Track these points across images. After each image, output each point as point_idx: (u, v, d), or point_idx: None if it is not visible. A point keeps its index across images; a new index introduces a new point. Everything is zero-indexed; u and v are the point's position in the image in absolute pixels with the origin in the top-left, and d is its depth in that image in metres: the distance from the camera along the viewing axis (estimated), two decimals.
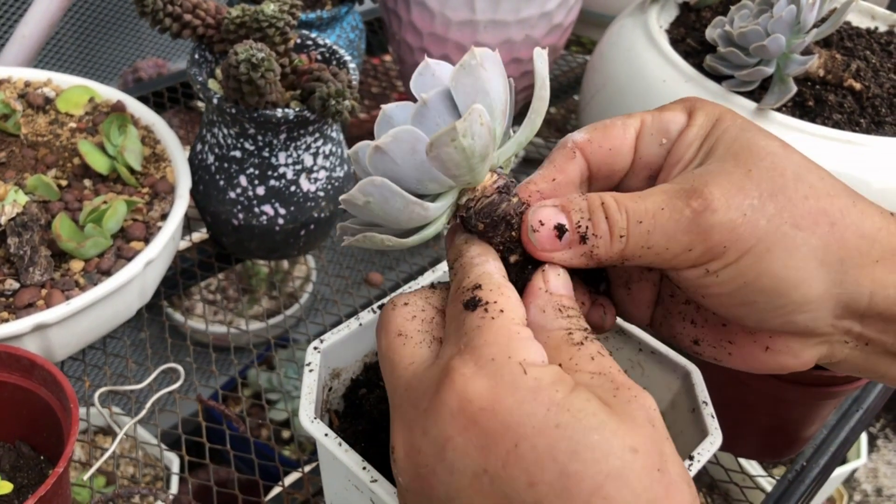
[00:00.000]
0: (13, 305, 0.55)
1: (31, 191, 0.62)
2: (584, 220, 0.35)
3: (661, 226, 0.34)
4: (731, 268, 0.34)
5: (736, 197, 0.33)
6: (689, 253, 0.34)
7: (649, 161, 0.38)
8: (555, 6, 0.79)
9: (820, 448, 0.62)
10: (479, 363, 0.31)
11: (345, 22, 0.80)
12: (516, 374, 0.30)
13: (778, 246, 0.33)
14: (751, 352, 0.38)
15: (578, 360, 0.32)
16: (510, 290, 0.34)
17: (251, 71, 0.57)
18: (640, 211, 0.34)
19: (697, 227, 0.33)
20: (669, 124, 0.38)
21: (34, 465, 0.52)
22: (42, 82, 0.73)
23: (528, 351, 0.31)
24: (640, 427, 0.30)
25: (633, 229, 0.34)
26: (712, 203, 0.33)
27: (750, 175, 0.34)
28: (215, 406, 0.61)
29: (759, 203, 0.33)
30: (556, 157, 0.38)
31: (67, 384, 0.49)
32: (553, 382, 0.30)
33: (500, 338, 0.32)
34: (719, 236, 0.33)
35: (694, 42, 0.72)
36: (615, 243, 0.35)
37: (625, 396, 0.31)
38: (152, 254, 0.59)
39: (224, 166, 0.66)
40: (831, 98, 0.65)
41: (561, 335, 0.33)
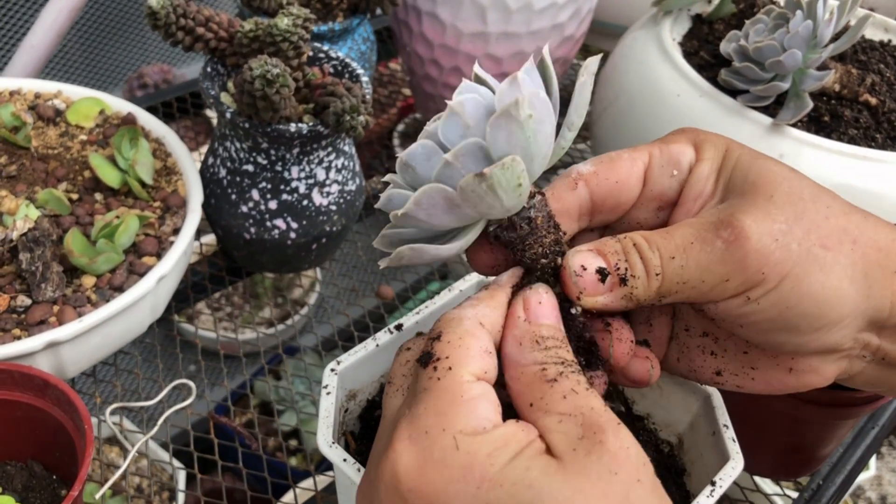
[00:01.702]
0: (25, 322, 0.55)
1: (42, 205, 0.62)
2: (622, 262, 0.35)
3: (694, 259, 0.34)
4: (773, 294, 0.33)
5: (765, 223, 0.33)
6: (727, 284, 0.34)
7: (661, 192, 0.38)
8: (566, 18, 0.79)
9: (836, 467, 0.61)
10: (413, 436, 0.30)
11: (356, 34, 0.80)
12: (447, 449, 0.29)
13: (813, 268, 0.33)
14: (774, 375, 0.38)
15: (549, 399, 0.31)
16: (473, 340, 0.33)
17: (266, 87, 0.56)
18: (671, 247, 0.34)
19: (732, 257, 0.33)
20: (679, 156, 0.38)
21: (46, 485, 0.52)
22: (52, 94, 0.73)
23: (468, 417, 0.30)
24: (595, 482, 0.29)
25: (666, 266, 0.34)
26: (743, 231, 0.33)
27: (773, 201, 0.34)
28: (228, 423, 0.60)
29: (788, 227, 0.34)
30: (557, 186, 0.38)
31: (81, 404, 0.48)
32: (490, 454, 0.29)
33: (440, 404, 0.31)
34: (756, 264, 0.33)
35: (707, 55, 0.72)
36: (652, 282, 0.34)
37: (588, 444, 0.30)
38: (165, 269, 0.59)
39: (236, 180, 0.66)
40: (847, 113, 0.65)
41: (534, 371, 0.32)
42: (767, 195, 0.34)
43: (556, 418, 0.31)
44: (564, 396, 0.31)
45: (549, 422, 0.31)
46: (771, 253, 0.33)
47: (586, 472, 0.29)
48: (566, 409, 0.31)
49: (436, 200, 0.32)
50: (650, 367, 0.39)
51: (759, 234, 0.33)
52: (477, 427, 0.30)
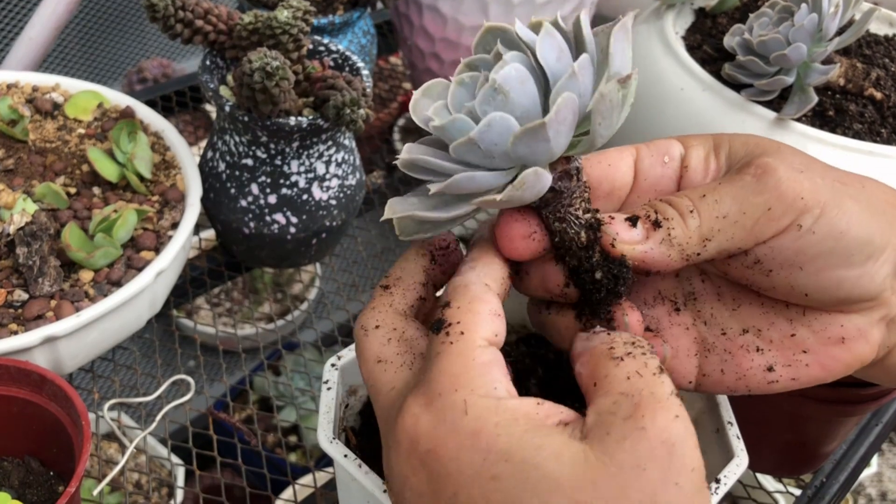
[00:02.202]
0: (22, 317, 0.54)
1: (40, 199, 0.61)
2: (650, 210, 0.35)
3: (728, 192, 0.34)
4: (823, 220, 0.33)
5: (785, 161, 0.34)
6: (770, 213, 0.33)
7: (655, 181, 0.38)
8: (569, 12, 0.78)
9: (839, 464, 0.61)
10: (428, 399, 0.30)
11: (357, 27, 0.79)
12: (458, 412, 0.29)
13: (845, 201, 0.34)
14: (827, 353, 0.36)
15: (612, 378, 0.30)
16: (482, 304, 0.32)
17: (265, 79, 0.56)
18: (700, 189, 0.35)
19: (766, 185, 0.33)
20: (667, 148, 0.38)
21: (44, 481, 0.52)
22: (50, 87, 0.72)
23: (480, 379, 0.29)
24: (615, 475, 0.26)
25: (699, 204, 0.34)
26: (769, 164, 0.34)
27: (781, 151, 0.35)
28: (227, 419, 0.60)
29: (806, 169, 0.34)
30: None
31: (78, 400, 0.48)
32: (497, 423, 0.28)
33: (453, 367, 0.30)
34: (792, 190, 0.33)
35: (710, 49, 0.71)
36: (688, 220, 0.34)
37: (626, 428, 0.27)
38: (163, 264, 0.58)
39: (235, 174, 0.65)
40: (852, 108, 0.64)
41: (601, 350, 0.31)
42: (774, 147, 0.35)
43: (612, 399, 0.29)
44: (628, 377, 0.29)
45: (604, 403, 0.29)
46: (801, 182, 0.33)
47: (608, 462, 0.27)
48: (626, 389, 0.29)
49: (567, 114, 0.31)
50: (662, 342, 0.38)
51: (786, 167, 0.34)
52: (489, 389, 0.29)
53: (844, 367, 0.36)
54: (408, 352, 0.34)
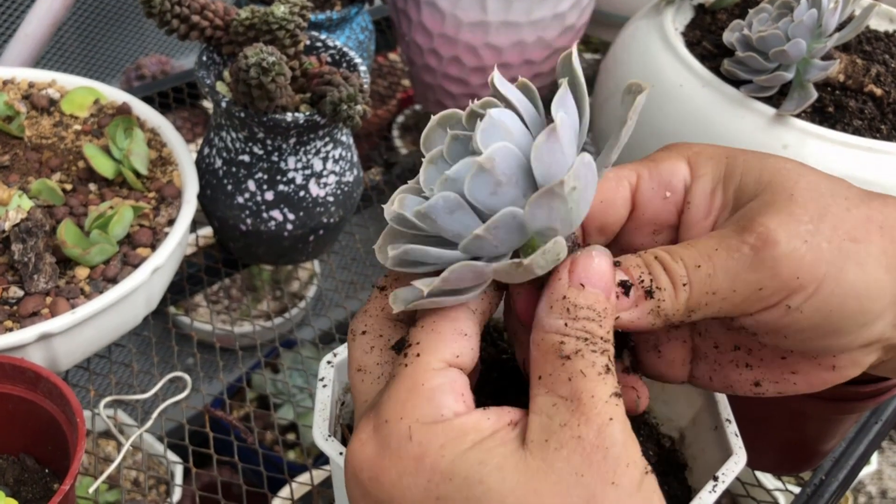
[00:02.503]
0: (17, 314, 0.54)
1: (36, 195, 0.61)
2: (645, 275, 0.33)
3: (722, 266, 0.32)
4: (814, 299, 0.32)
5: (790, 225, 0.32)
6: (761, 292, 0.32)
7: (654, 216, 0.36)
8: (568, 7, 0.78)
9: (838, 462, 0.61)
10: (376, 425, 0.30)
11: (354, 23, 0.79)
12: (402, 439, 0.29)
13: (848, 264, 0.32)
14: (817, 375, 0.36)
15: (556, 378, 0.29)
16: (447, 323, 0.31)
17: (261, 75, 0.55)
18: (695, 256, 0.32)
19: (763, 264, 0.31)
20: (671, 177, 0.36)
21: (39, 478, 0.51)
22: (46, 83, 0.72)
23: (426, 406, 0.29)
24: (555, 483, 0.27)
25: (693, 276, 0.32)
26: (770, 235, 0.31)
27: (794, 199, 0.32)
28: (224, 417, 0.60)
29: (815, 227, 0.32)
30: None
31: (73, 397, 0.48)
32: (443, 445, 0.28)
33: (401, 392, 0.30)
34: (789, 270, 0.31)
35: (710, 45, 0.71)
36: (679, 294, 0.32)
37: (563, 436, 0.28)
38: (159, 261, 0.58)
39: (232, 171, 0.65)
40: (851, 104, 0.64)
41: (552, 341, 0.30)
42: (787, 194, 0.33)
43: (552, 401, 0.29)
44: (570, 378, 0.29)
45: (545, 403, 0.29)
46: (803, 256, 0.31)
47: (547, 470, 0.27)
48: (567, 392, 0.29)
49: (465, 275, 0.30)
50: (636, 397, 0.37)
51: (788, 238, 0.31)
52: (435, 416, 0.29)
53: (832, 384, 0.36)
54: (388, 363, 0.33)
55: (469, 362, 0.31)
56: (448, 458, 0.28)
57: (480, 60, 0.80)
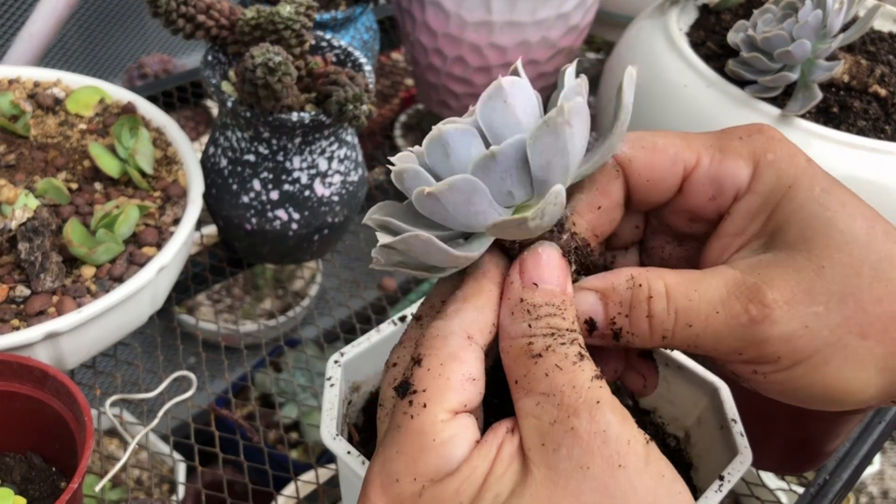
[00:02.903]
0: (24, 313, 0.54)
1: (42, 194, 0.61)
2: (621, 318, 0.32)
3: (713, 330, 0.31)
4: (782, 374, 0.31)
5: (801, 304, 0.30)
6: (738, 356, 0.31)
7: (695, 208, 0.34)
8: (572, 7, 0.78)
9: (842, 462, 0.61)
10: (385, 483, 0.29)
11: (359, 23, 0.79)
12: (411, 497, 0.28)
13: (837, 357, 0.30)
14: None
15: (531, 377, 0.29)
16: (456, 366, 0.29)
17: (268, 75, 0.55)
18: (692, 313, 0.31)
19: (752, 336, 0.30)
20: (726, 179, 0.33)
21: (46, 476, 0.51)
22: (51, 82, 0.72)
23: (438, 463, 0.28)
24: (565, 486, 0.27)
25: (679, 331, 0.31)
26: (773, 314, 0.30)
27: (822, 273, 0.30)
28: (229, 415, 0.60)
29: (826, 311, 0.30)
30: (599, 177, 0.34)
31: (81, 396, 0.48)
32: (457, 490, 0.28)
33: (411, 448, 0.29)
34: (774, 348, 0.30)
35: (714, 45, 0.71)
36: (655, 339, 0.31)
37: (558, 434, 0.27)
38: (165, 260, 0.58)
39: (237, 170, 0.65)
40: (856, 104, 0.64)
41: (520, 345, 0.30)
42: (818, 264, 0.30)
43: (535, 400, 0.28)
44: (546, 374, 0.29)
45: (528, 404, 0.29)
46: (795, 340, 0.30)
47: (554, 476, 0.27)
48: (546, 388, 0.28)
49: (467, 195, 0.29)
50: (643, 384, 0.37)
51: (789, 318, 0.30)
52: (447, 470, 0.28)
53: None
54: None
55: (477, 404, 0.30)
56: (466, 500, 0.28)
57: (484, 60, 0.80)
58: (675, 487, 0.28)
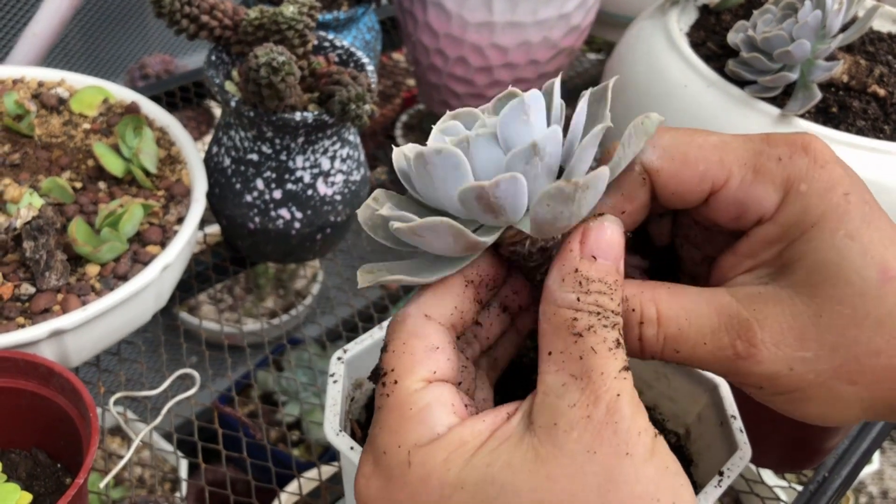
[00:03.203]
0: (29, 311, 0.55)
1: (46, 193, 0.61)
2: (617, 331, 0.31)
3: (699, 358, 0.31)
4: (762, 396, 0.31)
5: (789, 348, 0.30)
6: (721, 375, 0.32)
7: (716, 220, 0.33)
8: (573, 7, 0.79)
9: (841, 459, 0.61)
10: (375, 458, 0.30)
11: (361, 23, 0.79)
12: (403, 466, 0.29)
13: (819, 398, 0.30)
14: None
15: (567, 356, 0.29)
16: (416, 342, 0.30)
17: (271, 75, 0.56)
18: (682, 341, 0.31)
19: (736, 369, 0.31)
20: (752, 204, 0.31)
21: (51, 473, 0.52)
22: (55, 82, 0.72)
23: (420, 429, 0.29)
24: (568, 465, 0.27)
25: (668, 355, 0.32)
26: (758, 354, 0.30)
27: (818, 322, 0.30)
28: (232, 413, 0.60)
29: (814, 357, 0.30)
30: (625, 184, 0.33)
31: (86, 392, 0.48)
32: (445, 459, 0.28)
33: (391, 421, 0.29)
34: (756, 381, 0.31)
35: (714, 46, 0.71)
36: (644, 357, 0.32)
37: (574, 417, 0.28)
38: (169, 258, 0.59)
39: (241, 169, 0.65)
40: (855, 104, 0.65)
41: (563, 317, 0.29)
42: (816, 311, 0.30)
43: (562, 380, 0.28)
44: (581, 356, 0.28)
45: (554, 382, 0.29)
46: (778, 379, 0.30)
47: (558, 454, 0.27)
48: (577, 371, 0.28)
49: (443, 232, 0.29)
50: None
51: (773, 360, 0.30)
52: (431, 435, 0.29)
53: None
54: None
55: (451, 373, 0.31)
56: (454, 470, 0.28)
57: (486, 61, 0.80)
58: (677, 480, 0.28)
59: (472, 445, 0.28)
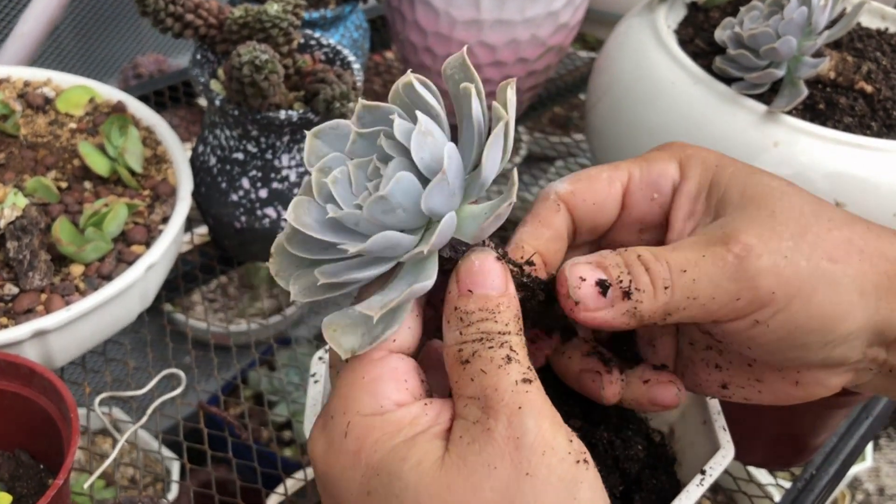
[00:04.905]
0: (12, 311, 0.54)
1: (31, 193, 0.61)
2: (624, 275, 0.33)
3: (706, 273, 0.32)
4: (782, 314, 0.32)
5: (772, 241, 0.32)
6: (737, 302, 0.32)
7: (640, 216, 0.37)
8: (561, 5, 0.78)
9: (829, 456, 0.61)
10: (324, 422, 0.31)
11: (349, 21, 0.79)
12: (341, 435, 0.29)
13: (822, 283, 0.32)
14: (781, 387, 0.37)
15: (462, 382, 0.30)
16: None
17: (254, 73, 0.56)
18: (682, 260, 0.33)
19: (744, 274, 0.32)
20: (660, 178, 0.37)
21: (33, 474, 0.52)
22: (42, 82, 0.72)
23: (366, 399, 0.29)
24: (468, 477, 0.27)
25: (676, 279, 0.32)
26: (754, 248, 0.32)
27: (775, 217, 0.33)
28: (217, 413, 0.60)
29: (794, 244, 0.32)
30: (541, 211, 0.36)
31: (68, 393, 0.48)
32: (377, 440, 0.29)
33: (343, 387, 0.30)
34: (767, 282, 0.32)
35: (702, 43, 0.71)
36: (659, 295, 0.32)
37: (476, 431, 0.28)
38: (154, 258, 0.58)
39: (226, 168, 0.65)
40: (842, 101, 0.64)
41: (453, 352, 0.31)
42: (769, 210, 0.33)
43: (463, 403, 0.30)
44: (472, 378, 0.29)
45: (458, 406, 0.30)
46: (782, 271, 0.32)
47: (461, 465, 0.28)
48: (472, 391, 0.29)
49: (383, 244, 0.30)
50: (676, 390, 0.38)
51: (770, 252, 0.32)
52: (375, 408, 0.29)
53: (798, 400, 0.37)
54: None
55: (410, 342, 0.31)
56: (379, 453, 0.28)
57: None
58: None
59: (405, 434, 0.29)
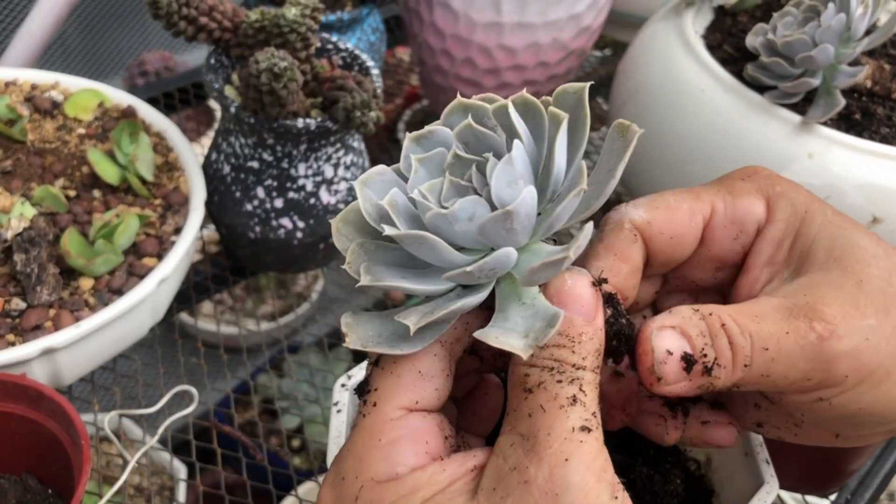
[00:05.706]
0: (20, 327, 0.52)
1: (38, 202, 0.59)
2: (709, 348, 0.30)
3: (787, 353, 0.30)
4: (847, 395, 0.30)
5: (855, 318, 0.30)
6: (807, 382, 0.30)
7: (720, 254, 0.34)
8: (584, 8, 0.76)
9: (864, 481, 0.59)
10: (335, 481, 0.29)
11: (365, 24, 0.77)
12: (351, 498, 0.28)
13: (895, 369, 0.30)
14: (818, 435, 0.35)
15: (518, 415, 0.28)
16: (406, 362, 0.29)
17: (273, 81, 0.53)
18: (766, 336, 0.30)
19: (822, 356, 0.30)
20: (745, 216, 0.34)
21: (41, 498, 0.50)
22: (49, 85, 0.70)
23: (381, 463, 0.28)
24: None
25: (757, 357, 0.30)
26: (837, 329, 0.29)
27: (861, 287, 0.30)
28: (231, 433, 0.58)
29: (877, 323, 0.30)
30: (617, 243, 0.33)
31: (77, 417, 0.46)
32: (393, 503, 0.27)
33: (360, 447, 0.28)
34: (844, 366, 0.30)
35: (731, 49, 0.69)
36: (737, 372, 0.30)
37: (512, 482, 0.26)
38: (166, 271, 0.56)
39: (241, 177, 0.63)
40: (879, 111, 0.62)
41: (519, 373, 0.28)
42: (856, 279, 0.30)
43: (511, 440, 0.27)
44: (530, 414, 0.27)
45: (504, 443, 0.27)
46: (860, 354, 0.30)
47: None
48: (525, 429, 0.27)
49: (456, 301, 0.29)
50: (736, 431, 0.36)
51: (851, 333, 0.30)
52: (389, 473, 0.28)
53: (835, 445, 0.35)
54: None
55: (435, 402, 0.29)
56: None
57: (494, 62, 0.78)
58: None
59: (423, 495, 0.27)
